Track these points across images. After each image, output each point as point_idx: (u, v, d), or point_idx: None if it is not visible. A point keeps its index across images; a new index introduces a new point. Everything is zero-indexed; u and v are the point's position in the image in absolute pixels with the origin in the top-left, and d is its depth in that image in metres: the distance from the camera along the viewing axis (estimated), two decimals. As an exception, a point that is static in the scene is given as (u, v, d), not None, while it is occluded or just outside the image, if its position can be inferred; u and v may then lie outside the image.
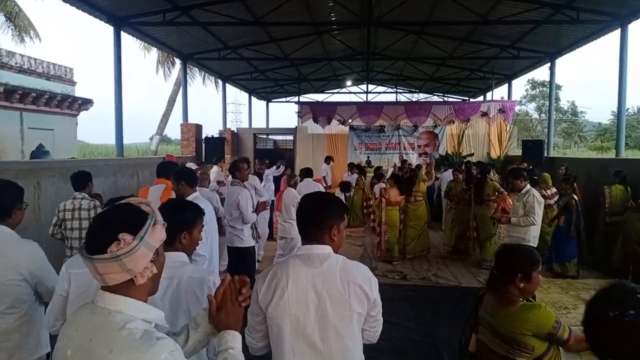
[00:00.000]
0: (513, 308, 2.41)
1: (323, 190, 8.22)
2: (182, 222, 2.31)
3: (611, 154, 25.31)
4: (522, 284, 2.40)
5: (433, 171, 12.07)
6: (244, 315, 1.71)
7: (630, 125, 40.58)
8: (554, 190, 8.36)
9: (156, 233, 1.40)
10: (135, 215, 1.39)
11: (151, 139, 30.07)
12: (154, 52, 22.66)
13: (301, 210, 2.12)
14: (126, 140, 11.46)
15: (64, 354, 1.37)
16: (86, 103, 21.15)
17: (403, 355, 4.83)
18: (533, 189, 6.02)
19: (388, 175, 10.77)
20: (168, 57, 22.03)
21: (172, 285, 2.13)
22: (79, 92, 22.04)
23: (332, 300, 1.97)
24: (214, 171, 9.65)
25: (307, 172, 8.32)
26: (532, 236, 5.82)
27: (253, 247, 5.93)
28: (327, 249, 2.05)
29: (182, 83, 15.26)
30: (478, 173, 9.29)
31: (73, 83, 21.21)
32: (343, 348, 1.98)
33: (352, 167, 13.62)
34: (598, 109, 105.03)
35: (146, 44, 19.94)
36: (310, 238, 2.06)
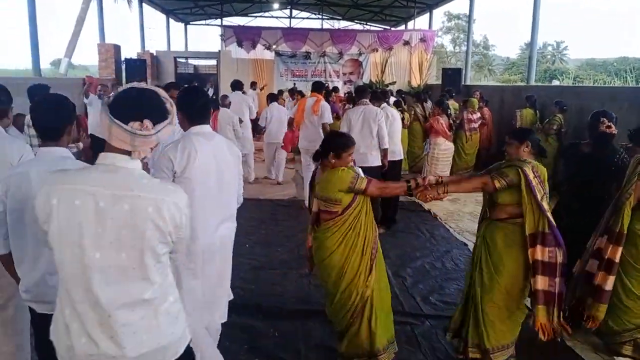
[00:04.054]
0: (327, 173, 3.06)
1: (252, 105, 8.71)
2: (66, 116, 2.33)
3: (518, 86, 26.99)
4: (334, 160, 3.02)
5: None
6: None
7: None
8: (478, 114, 8.96)
9: (167, 131, 1.64)
10: (161, 110, 1.63)
11: (53, 63, 27.70)
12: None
13: (192, 101, 2.77)
14: (18, 66, 10.57)
15: (91, 209, 1.55)
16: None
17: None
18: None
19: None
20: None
21: None
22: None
23: (224, 163, 2.75)
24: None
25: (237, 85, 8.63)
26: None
27: None
28: (210, 128, 2.82)
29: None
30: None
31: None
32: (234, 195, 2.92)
33: (292, 93, 12.21)
34: (507, 43, 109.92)
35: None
36: (201, 122, 2.75)
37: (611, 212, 3.33)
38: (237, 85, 8.47)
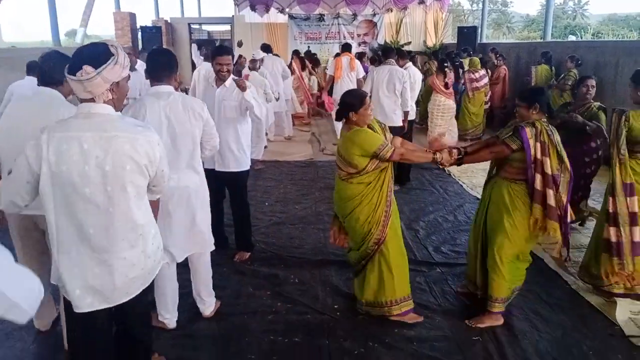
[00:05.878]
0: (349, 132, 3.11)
1: (284, 66, 9.21)
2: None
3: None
4: (355, 118, 3.08)
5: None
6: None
7: (555, 16, 41.87)
8: (482, 72, 8.94)
9: (114, 70, 1.85)
10: (102, 54, 1.83)
11: (68, 34, 27.77)
12: None
13: (152, 58, 2.97)
14: (30, 38, 10.71)
15: (76, 151, 1.82)
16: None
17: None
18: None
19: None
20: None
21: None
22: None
23: (176, 119, 2.83)
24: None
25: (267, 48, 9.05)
26: None
27: None
28: (170, 88, 2.88)
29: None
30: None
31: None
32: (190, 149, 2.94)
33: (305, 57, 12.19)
34: (526, 0, 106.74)
35: None
36: (157, 82, 2.87)
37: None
38: (268, 48, 9.02)
